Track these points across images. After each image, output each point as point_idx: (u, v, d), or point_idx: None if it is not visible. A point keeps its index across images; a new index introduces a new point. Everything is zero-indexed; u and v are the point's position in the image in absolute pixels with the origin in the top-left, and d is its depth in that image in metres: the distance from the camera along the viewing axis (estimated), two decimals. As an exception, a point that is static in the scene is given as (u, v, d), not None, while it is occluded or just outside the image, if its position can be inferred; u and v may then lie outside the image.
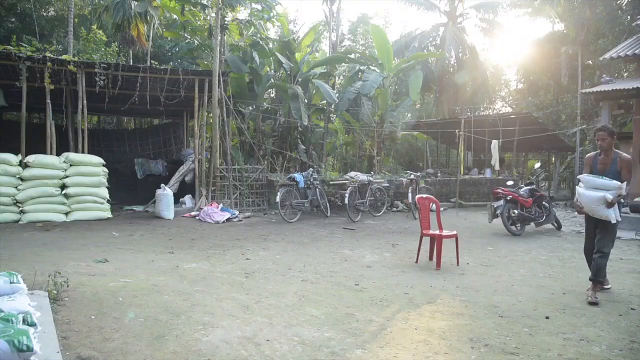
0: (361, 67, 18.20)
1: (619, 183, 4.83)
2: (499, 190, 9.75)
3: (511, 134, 16.14)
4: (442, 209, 7.29)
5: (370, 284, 5.52)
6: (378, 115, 17.10)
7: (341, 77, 23.47)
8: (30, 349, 2.07)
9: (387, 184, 13.10)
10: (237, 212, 11.34)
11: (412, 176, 12.72)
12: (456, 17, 24.50)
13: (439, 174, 16.88)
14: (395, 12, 65.76)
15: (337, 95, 16.97)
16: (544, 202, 10.02)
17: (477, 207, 14.23)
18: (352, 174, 12.92)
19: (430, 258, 6.83)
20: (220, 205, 11.37)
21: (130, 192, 13.89)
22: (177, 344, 3.58)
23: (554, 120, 22.92)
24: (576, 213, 5.46)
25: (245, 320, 4.14)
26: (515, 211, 9.45)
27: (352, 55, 19.64)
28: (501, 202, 9.44)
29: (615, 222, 4.86)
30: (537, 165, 15.74)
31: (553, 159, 22.87)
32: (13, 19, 20.38)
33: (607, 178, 4.90)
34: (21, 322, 2.35)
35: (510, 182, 11.13)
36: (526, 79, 27.30)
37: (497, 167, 16.39)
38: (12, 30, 18.46)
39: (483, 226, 10.49)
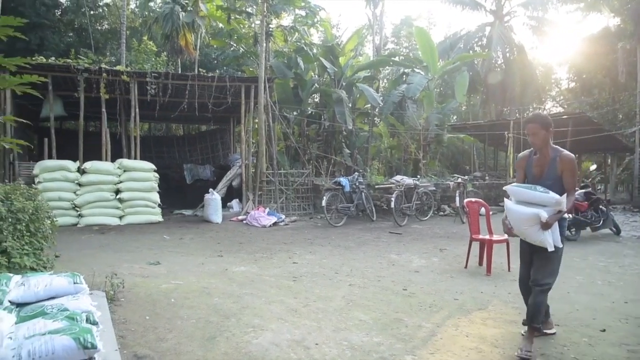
0: (405, 70, 18.04)
1: (556, 197, 3.55)
2: (552, 194, 9.39)
3: (563, 135, 15.52)
4: (491, 213, 7.09)
5: (419, 289, 5.44)
6: (423, 118, 16.87)
7: (385, 81, 23.33)
8: (94, 347, 2.16)
9: (434, 188, 12.89)
10: (283, 216, 11.45)
11: (459, 179, 12.45)
12: (503, 15, 23.87)
13: (486, 177, 16.46)
14: (439, 13, 64.70)
15: (382, 98, 16.88)
16: (600, 206, 9.57)
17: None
18: (398, 177, 12.79)
19: (480, 263, 6.66)
20: (267, 210, 11.52)
21: (179, 196, 14.30)
22: (228, 345, 3.65)
23: (609, 119, 21.93)
24: (505, 233, 4.17)
25: (294, 323, 4.17)
26: (570, 215, 9.06)
27: (396, 58, 19.49)
28: (554, 205, 9.09)
29: (553, 249, 3.62)
30: (593, 167, 15.07)
31: (609, 160, 21.85)
32: (71, 34, 21.52)
33: (541, 188, 3.65)
34: (85, 320, 2.45)
35: (563, 185, 10.69)
36: (578, 78, 26.25)
37: (548, 170, 15.79)
38: (70, 44, 19.47)
39: (535, 231, 10.12)
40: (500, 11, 23.76)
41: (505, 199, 3.95)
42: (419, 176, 13.80)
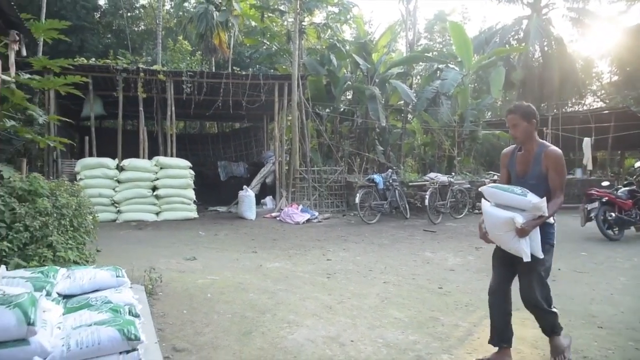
0: (439, 66, 17.79)
1: (534, 200, 3.10)
2: (594, 192, 9.10)
3: (605, 131, 15.03)
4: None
5: (455, 288, 5.36)
6: (458, 114, 16.59)
7: (418, 77, 23.06)
8: (137, 338, 2.22)
9: (469, 185, 12.67)
10: (316, 213, 11.48)
11: (495, 177, 12.19)
12: (541, 8, 23.17)
13: (523, 175, 16.07)
14: (473, 7, 63.48)
15: (415, 94, 16.69)
16: (646, 204, 9.19)
17: (566, 209, 13.22)
18: (432, 175, 12.63)
19: (518, 262, 6.50)
20: (300, 206, 11.57)
21: (213, 193, 14.50)
22: (264, 340, 3.68)
23: (655, 114, 20.98)
24: (481, 238, 3.62)
25: (329, 320, 4.17)
26: (612, 214, 8.75)
27: (430, 54, 19.24)
28: (595, 204, 8.80)
29: (529, 259, 3.14)
30: (637, 164, 14.40)
31: (655, 156, 20.98)
32: (109, 35, 22.16)
33: (519, 189, 3.22)
34: (127, 313, 2.53)
35: (605, 183, 10.34)
36: (621, 71, 25.24)
37: (589, 167, 15.30)
38: (108, 46, 20.04)
39: (574, 230, 9.81)
40: (538, 3, 23.08)
41: (482, 200, 3.51)
42: (453, 173, 13.58)
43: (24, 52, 4.72)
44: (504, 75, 16.42)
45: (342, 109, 17.58)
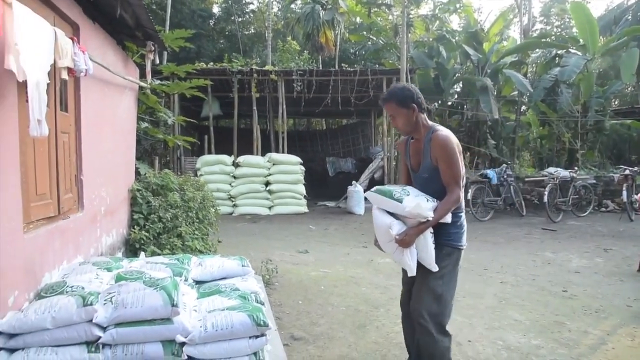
0: (558, 51, 16.45)
1: (408, 206, 2.52)
2: None
3: None
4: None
5: (581, 292, 4.96)
6: (580, 104, 15.24)
7: (534, 65, 21.57)
8: (266, 324, 2.34)
9: (594, 181, 11.60)
10: (426, 210, 11.24)
11: (626, 171, 11.01)
12: (686, -23, 20.39)
13: (661, 169, 14.34)
14: (598, -15, 57.51)
15: (531, 84, 15.62)
16: None
17: None
18: (552, 169, 11.74)
19: (658, 267, 5.84)
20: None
21: (322, 188, 14.82)
22: (378, 334, 3.70)
23: None
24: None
25: (444, 318, 4.07)
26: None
27: (547, 39, 17.86)
28: None
29: (413, 274, 2.64)
30: None
31: None
32: (222, 40, 23.63)
33: (400, 190, 2.64)
34: (254, 300, 2.67)
35: None
36: None
37: None
38: (222, 50, 21.37)
39: None
40: (681, -27, 20.33)
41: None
42: (575, 168, 12.53)
43: (157, 61, 5.20)
44: (638, 57, 14.76)
45: (451, 102, 17.01)
